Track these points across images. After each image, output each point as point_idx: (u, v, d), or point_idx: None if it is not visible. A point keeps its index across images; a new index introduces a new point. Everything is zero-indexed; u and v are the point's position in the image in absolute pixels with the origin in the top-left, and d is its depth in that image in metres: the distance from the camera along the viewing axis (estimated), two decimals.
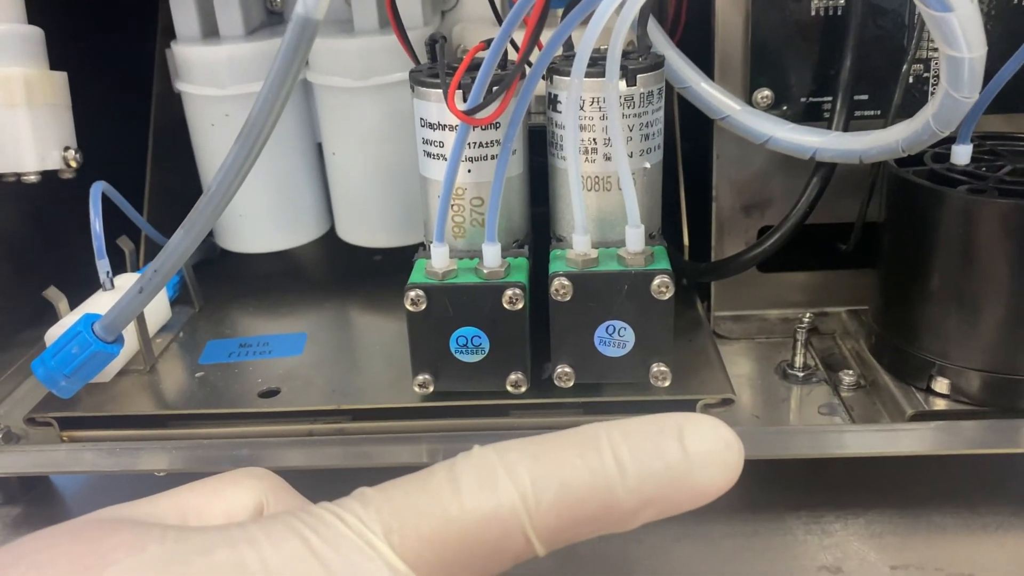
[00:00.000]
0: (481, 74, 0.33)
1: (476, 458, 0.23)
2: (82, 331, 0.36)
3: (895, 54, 0.43)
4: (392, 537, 0.22)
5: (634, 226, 0.36)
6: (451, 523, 0.22)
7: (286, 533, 0.22)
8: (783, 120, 0.42)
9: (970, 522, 0.37)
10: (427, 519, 0.22)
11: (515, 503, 0.22)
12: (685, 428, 0.23)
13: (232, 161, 0.32)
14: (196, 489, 0.26)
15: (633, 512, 0.22)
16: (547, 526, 0.22)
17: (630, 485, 0.22)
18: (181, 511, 0.25)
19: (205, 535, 0.22)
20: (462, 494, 0.22)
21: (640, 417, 0.23)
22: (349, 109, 0.46)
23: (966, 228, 0.36)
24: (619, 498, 0.22)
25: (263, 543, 0.21)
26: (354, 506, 0.22)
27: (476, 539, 0.22)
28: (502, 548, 0.22)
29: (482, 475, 0.22)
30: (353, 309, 0.50)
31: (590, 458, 0.22)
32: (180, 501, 0.26)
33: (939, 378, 0.38)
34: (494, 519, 0.22)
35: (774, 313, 0.49)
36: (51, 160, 0.44)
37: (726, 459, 0.23)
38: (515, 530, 0.22)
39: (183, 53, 0.47)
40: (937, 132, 0.35)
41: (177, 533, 0.22)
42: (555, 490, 0.22)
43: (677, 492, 0.22)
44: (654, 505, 0.22)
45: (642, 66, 0.37)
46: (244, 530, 0.22)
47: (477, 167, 0.38)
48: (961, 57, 0.31)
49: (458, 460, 0.23)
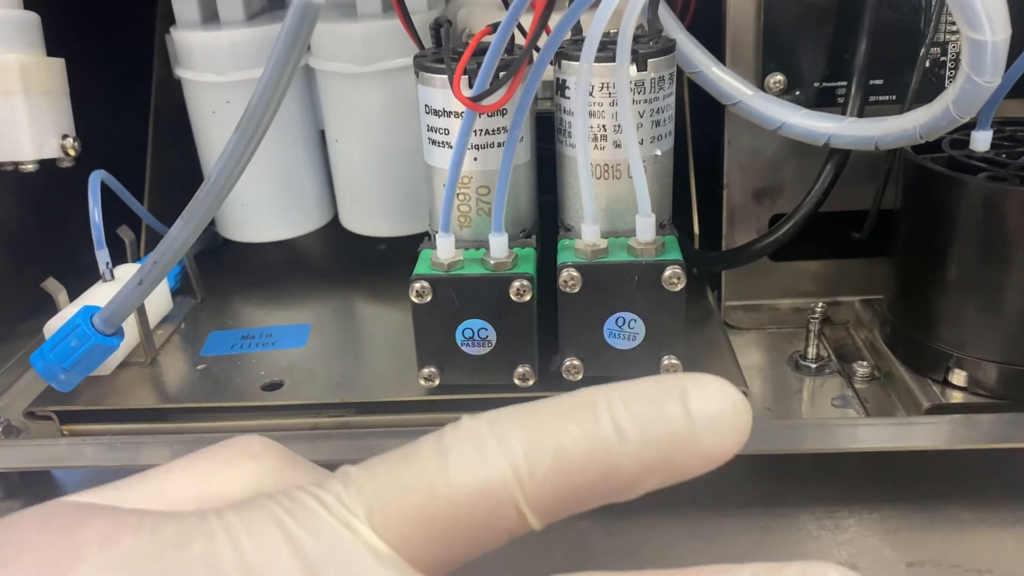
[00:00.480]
0: (487, 59, 0.32)
1: (464, 429, 0.21)
2: (81, 324, 0.36)
3: (911, 37, 0.42)
4: (374, 517, 0.20)
5: (645, 215, 0.35)
6: (437, 499, 0.20)
7: (264, 520, 0.21)
8: (796, 105, 0.41)
9: (987, 516, 0.36)
10: (411, 496, 0.21)
11: (506, 475, 0.20)
12: (689, 389, 0.21)
13: (232, 150, 0.31)
14: (186, 470, 0.24)
15: (635, 479, 0.21)
16: (542, 498, 0.21)
17: (631, 451, 0.20)
18: (166, 495, 0.23)
19: (183, 524, 0.21)
20: (449, 467, 0.20)
21: (642, 379, 0.21)
22: (352, 95, 0.45)
23: (986, 216, 0.35)
24: (620, 465, 0.20)
25: (240, 532, 0.20)
26: (336, 487, 0.21)
27: (465, 515, 0.20)
28: (494, 523, 0.21)
29: (470, 446, 0.21)
30: (357, 299, 0.49)
31: (587, 424, 0.21)
32: (165, 484, 0.24)
33: (956, 370, 0.38)
34: (484, 493, 0.20)
35: (786, 303, 0.48)
36: (49, 148, 0.43)
37: (734, 421, 0.21)
38: (507, 504, 0.20)
39: (182, 39, 0.46)
40: (957, 118, 0.34)
41: (154, 522, 0.21)
42: (550, 459, 0.20)
43: (682, 457, 0.21)
44: (658, 472, 0.21)
45: (653, 50, 0.36)
46: (222, 518, 0.21)
47: (483, 155, 0.37)
48: (984, 40, 0.30)
49: (446, 431, 0.22)
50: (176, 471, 0.24)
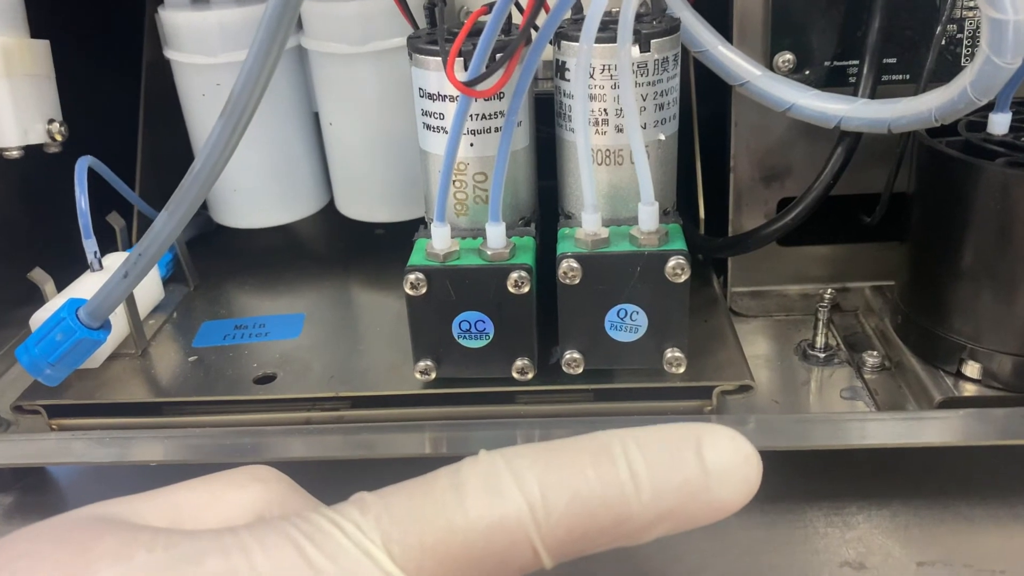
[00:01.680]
0: (482, 43, 0.30)
1: (482, 464, 0.22)
2: (66, 317, 0.35)
3: (926, 13, 0.40)
4: (392, 547, 0.21)
5: (647, 203, 0.34)
6: (455, 533, 0.21)
7: (280, 541, 0.21)
8: (806, 86, 0.39)
9: (1000, 513, 0.35)
10: (429, 528, 0.21)
11: (523, 513, 0.21)
12: (703, 440, 0.22)
13: (216, 139, 0.30)
14: (196, 489, 0.25)
15: (647, 526, 0.22)
16: (556, 538, 0.21)
17: (645, 499, 0.21)
18: (177, 512, 0.24)
19: (196, 542, 0.21)
20: (467, 502, 0.21)
21: (656, 426, 0.22)
22: (347, 76, 0.44)
23: (1003, 203, 0.34)
24: (633, 512, 0.21)
25: (255, 551, 0.21)
26: (352, 513, 0.21)
27: (481, 549, 0.21)
28: (508, 559, 0.21)
29: (488, 482, 0.21)
30: (353, 287, 0.48)
31: (604, 469, 0.21)
32: (177, 501, 0.24)
33: (970, 362, 0.36)
34: (500, 529, 0.21)
35: (794, 289, 0.46)
36: (35, 134, 0.42)
37: (745, 474, 0.22)
38: (522, 541, 0.21)
39: (171, 19, 0.45)
40: (975, 100, 0.32)
41: (167, 539, 0.21)
42: (566, 501, 0.21)
43: (694, 507, 0.22)
44: (669, 519, 0.22)
45: (656, 30, 0.34)
46: (237, 537, 0.21)
47: (480, 140, 0.35)
48: (1006, 20, 0.29)
49: (463, 465, 0.22)
50: (185, 489, 0.25)
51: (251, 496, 0.25)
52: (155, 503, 0.24)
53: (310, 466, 0.36)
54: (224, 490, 0.25)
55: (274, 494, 0.25)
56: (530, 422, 0.36)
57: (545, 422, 0.36)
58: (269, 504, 0.25)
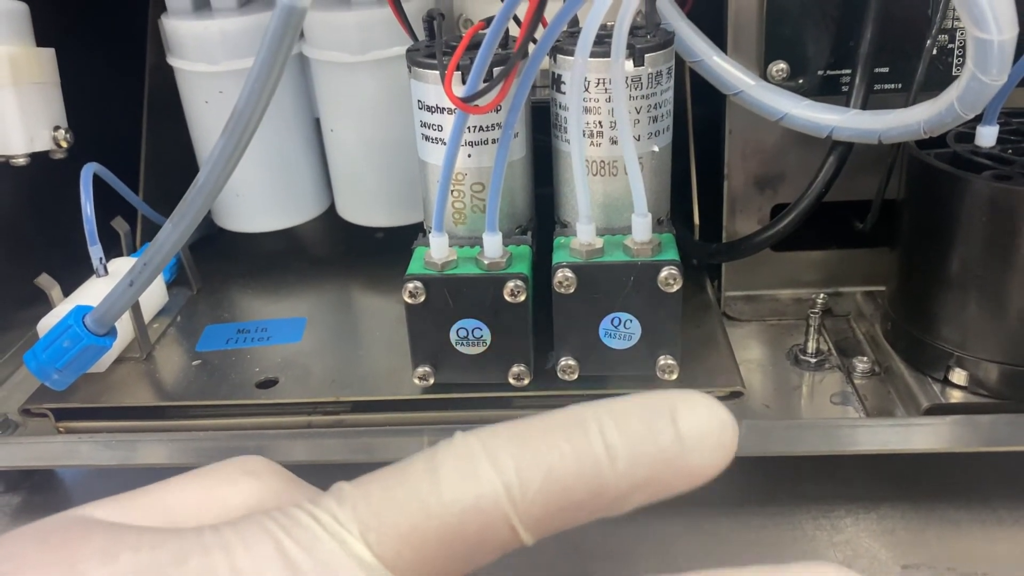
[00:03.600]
0: (479, 59, 0.31)
1: (457, 446, 0.22)
2: (73, 325, 0.35)
3: (918, 24, 0.41)
4: (369, 536, 0.21)
5: (641, 215, 0.34)
6: (431, 518, 0.21)
7: (260, 536, 0.21)
8: (799, 96, 0.40)
9: (984, 517, 0.36)
10: (405, 515, 0.21)
11: (499, 493, 0.21)
12: (678, 408, 0.21)
13: (220, 153, 0.30)
14: (187, 487, 0.25)
15: (623, 497, 0.21)
16: (533, 515, 0.21)
17: (620, 469, 0.21)
18: (167, 511, 0.24)
19: (181, 541, 0.21)
20: (442, 486, 0.21)
21: (630, 396, 0.22)
22: (347, 84, 0.45)
23: (990, 216, 0.34)
24: (609, 483, 0.21)
25: (237, 549, 0.21)
26: (330, 504, 0.22)
27: (458, 533, 0.21)
28: (486, 540, 0.21)
29: (463, 465, 0.21)
30: (354, 290, 0.48)
31: (578, 443, 0.21)
32: (167, 499, 0.24)
33: (957, 369, 0.37)
34: (476, 511, 0.21)
35: (786, 293, 0.47)
36: (41, 141, 0.43)
37: (721, 440, 0.21)
38: (499, 521, 0.21)
39: (174, 27, 0.45)
40: (962, 115, 0.33)
41: (153, 539, 0.21)
42: (541, 478, 0.21)
43: (670, 475, 0.21)
44: (646, 489, 0.21)
45: (650, 45, 0.35)
46: (218, 535, 0.21)
47: (477, 152, 0.36)
48: (990, 39, 0.29)
49: (439, 449, 0.22)
50: (176, 486, 0.24)
51: (243, 491, 0.25)
52: (144, 503, 0.24)
53: (311, 469, 0.37)
54: (216, 486, 0.25)
55: (267, 486, 0.25)
56: None
57: None
58: (262, 497, 0.25)
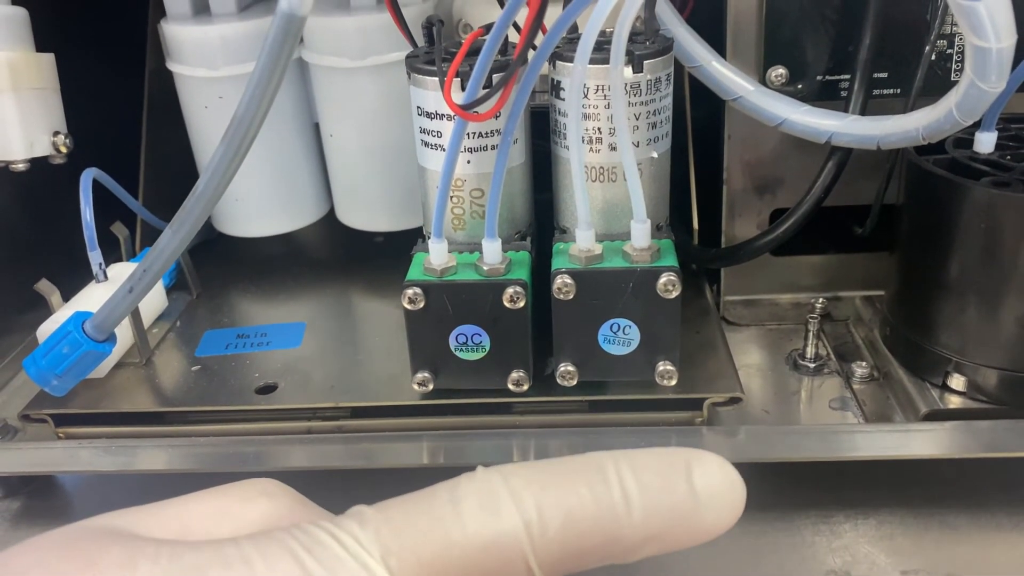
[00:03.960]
0: (478, 67, 0.31)
1: (480, 481, 0.22)
2: (72, 331, 0.35)
3: (917, 29, 0.41)
4: (390, 560, 0.21)
5: (640, 221, 0.34)
6: (452, 547, 0.21)
7: (281, 553, 0.21)
8: (798, 102, 0.40)
9: (983, 523, 0.36)
10: (427, 542, 0.22)
11: (519, 531, 0.22)
12: (693, 466, 0.22)
13: (219, 159, 0.30)
14: (204, 502, 0.25)
15: (636, 547, 0.22)
16: (550, 556, 0.22)
17: (636, 520, 0.22)
18: (183, 525, 0.24)
19: (199, 554, 0.22)
20: (464, 518, 0.22)
21: (648, 450, 0.23)
22: (347, 90, 0.45)
23: (988, 222, 0.34)
24: (624, 532, 0.22)
25: (257, 563, 0.21)
26: (352, 526, 0.22)
27: (476, 565, 0.22)
28: (502, 574, 0.22)
29: (485, 500, 0.22)
30: (354, 295, 0.48)
31: (598, 489, 0.22)
32: (185, 514, 0.25)
33: (956, 375, 0.37)
34: (496, 546, 0.21)
35: (786, 298, 0.47)
36: (40, 146, 0.43)
37: (731, 500, 0.23)
38: (516, 559, 0.22)
39: (173, 32, 0.45)
40: (960, 122, 0.33)
41: (171, 551, 0.22)
42: (560, 520, 0.22)
43: (682, 530, 0.22)
44: (657, 541, 0.22)
45: (649, 51, 0.35)
46: (239, 549, 0.21)
47: (477, 158, 0.36)
48: (988, 47, 0.29)
49: (461, 481, 0.23)
50: (194, 501, 0.25)
51: (259, 510, 0.25)
52: (162, 516, 0.24)
53: (311, 474, 0.37)
54: (232, 504, 0.25)
55: (282, 508, 0.25)
56: (525, 432, 0.37)
57: (540, 432, 0.37)
58: (278, 518, 0.25)
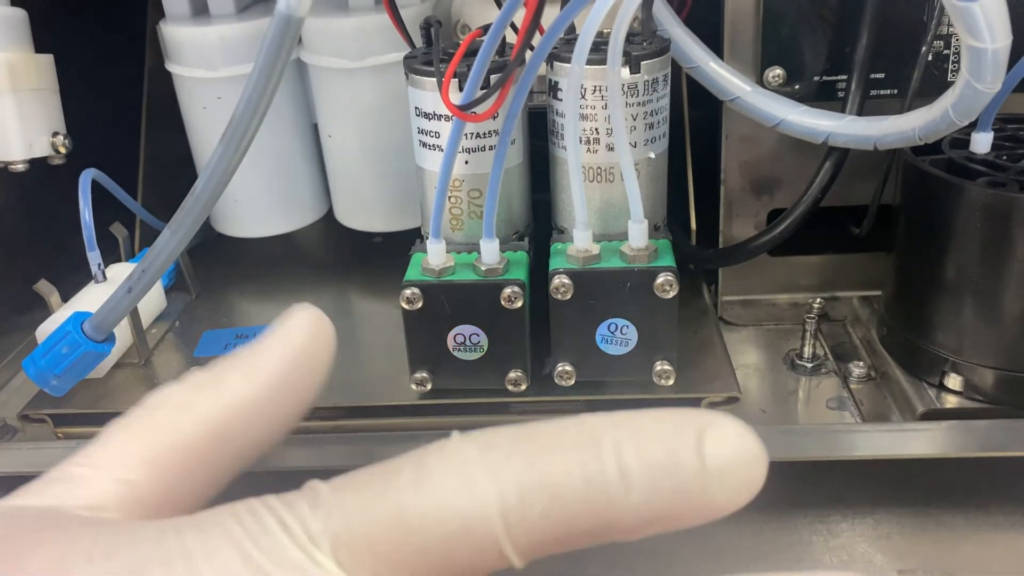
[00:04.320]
0: (475, 68, 0.31)
1: (451, 453, 0.19)
2: (71, 331, 0.36)
3: (914, 30, 0.41)
4: (340, 553, 0.19)
5: (637, 221, 0.34)
6: (411, 535, 0.19)
7: (224, 545, 0.19)
8: (795, 103, 0.40)
9: (979, 522, 0.36)
10: (383, 530, 0.19)
11: (492, 517, 0.18)
12: (706, 434, 0.19)
13: (218, 161, 0.31)
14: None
15: (632, 530, 0.19)
16: (529, 541, 0.19)
17: (634, 502, 0.19)
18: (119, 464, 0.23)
19: (136, 548, 0.20)
20: (428, 501, 0.19)
21: (656, 412, 0.19)
22: (345, 90, 0.45)
23: (984, 222, 0.34)
24: (619, 516, 0.19)
25: (199, 559, 0.19)
26: (303, 509, 0.19)
27: (441, 554, 0.19)
28: (472, 564, 0.19)
29: (456, 478, 0.19)
30: (352, 295, 0.49)
31: (590, 466, 0.19)
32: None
33: (952, 374, 0.37)
34: (465, 534, 0.19)
35: (783, 298, 0.47)
36: (39, 147, 0.43)
37: (749, 474, 0.19)
38: (489, 545, 0.19)
39: (172, 33, 0.45)
40: (956, 122, 0.33)
41: (107, 545, 0.20)
42: (543, 504, 0.18)
43: (687, 510, 0.19)
44: (658, 523, 0.19)
45: (646, 52, 0.35)
46: (181, 540, 0.20)
47: (474, 158, 0.36)
48: (984, 48, 0.30)
49: (430, 452, 0.19)
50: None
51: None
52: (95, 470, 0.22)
53: (309, 473, 0.37)
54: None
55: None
56: None
57: None
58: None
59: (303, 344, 0.26)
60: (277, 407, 0.28)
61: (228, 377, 0.26)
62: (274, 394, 0.28)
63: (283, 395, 0.28)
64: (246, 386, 0.26)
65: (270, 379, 0.27)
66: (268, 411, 0.27)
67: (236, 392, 0.26)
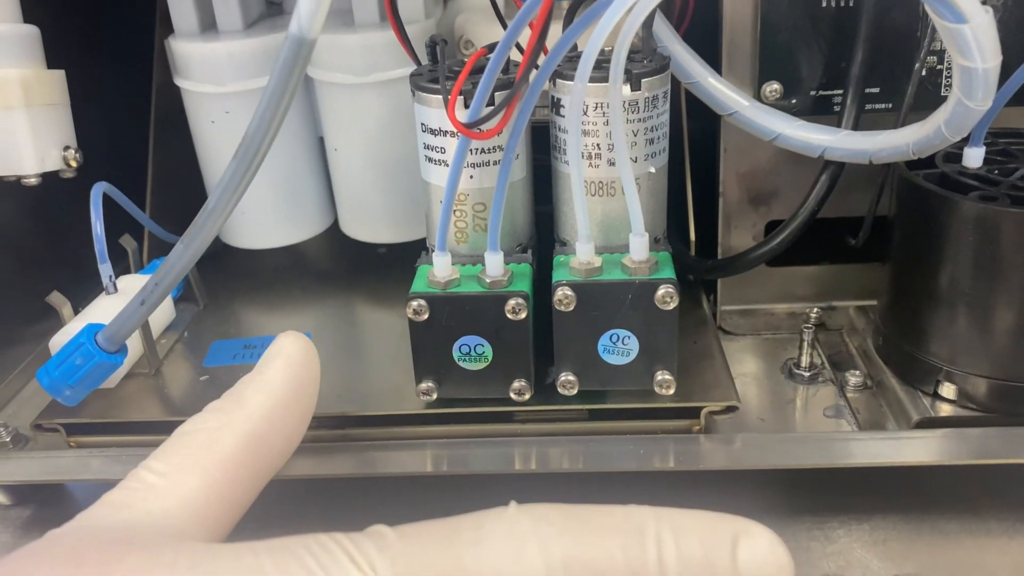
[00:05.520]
0: (481, 87, 0.32)
1: (508, 521, 0.21)
2: (85, 343, 0.36)
3: (909, 46, 0.42)
4: None
5: (638, 234, 0.35)
6: None
7: (296, 569, 0.21)
8: (792, 117, 0.41)
9: (973, 528, 0.37)
10: None
11: None
12: (740, 539, 0.21)
13: (230, 178, 0.32)
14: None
15: None
16: None
17: None
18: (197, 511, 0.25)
19: (216, 562, 0.21)
20: (485, 561, 0.21)
21: (696, 513, 0.21)
22: (351, 105, 0.46)
23: (977, 236, 0.35)
24: None
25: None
26: (369, 550, 0.21)
27: None
28: None
29: (510, 545, 0.21)
30: (358, 305, 0.49)
31: (632, 553, 0.20)
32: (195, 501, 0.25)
33: (946, 383, 0.38)
34: None
35: (781, 307, 0.48)
36: (51, 161, 0.44)
37: None
38: None
39: (180, 48, 0.46)
40: (948, 138, 0.34)
41: (189, 559, 0.21)
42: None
43: None
44: None
45: (647, 70, 0.36)
46: (256, 558, 0.21)
47: (479, 173, 0.37)
48: (975, 67, 0.30)
49: (488, 517, 0.22)
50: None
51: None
52: (173, 505, 0.25)
53: (316, 482, 0.38)
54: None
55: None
56: (527, 440, 0.38)
57: (541, 440, 0.38)
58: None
59: (299, 359, 0.30)
60: (291, 416, 0.30)
61: (247, 395, 0.29)
62: (288, 404, 0.30)
63: (294, 404, 0.31)
64: (264, 400, 0.28)
65: (283, 391, 0.30)
66: (284, 421, 0.30)
67: (258, 406, 0.28)
